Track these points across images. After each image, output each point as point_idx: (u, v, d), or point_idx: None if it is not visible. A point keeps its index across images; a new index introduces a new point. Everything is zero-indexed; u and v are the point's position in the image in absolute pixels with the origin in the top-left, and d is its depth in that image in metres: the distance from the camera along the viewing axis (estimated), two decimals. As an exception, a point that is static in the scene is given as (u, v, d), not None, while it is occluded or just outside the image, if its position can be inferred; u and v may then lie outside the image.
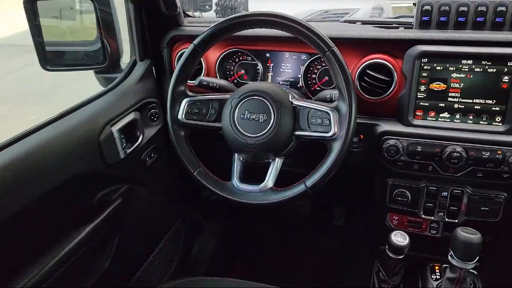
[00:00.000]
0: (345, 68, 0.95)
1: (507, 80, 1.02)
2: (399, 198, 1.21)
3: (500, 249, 1.36)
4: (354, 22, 1.28)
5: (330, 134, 0.98)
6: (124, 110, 1.16)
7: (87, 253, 1.06)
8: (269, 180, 1.05)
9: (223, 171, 1.12)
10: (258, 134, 1.00)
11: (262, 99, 1.01)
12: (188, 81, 1.18)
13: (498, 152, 1.05)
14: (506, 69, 1.02)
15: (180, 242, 1.62)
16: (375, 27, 1.20)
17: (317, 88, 1.25)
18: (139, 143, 1.20)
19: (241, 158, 1.08)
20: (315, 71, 1.24)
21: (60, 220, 0.99)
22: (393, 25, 1.22)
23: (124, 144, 1.13)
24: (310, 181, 1.00)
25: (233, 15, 1.02)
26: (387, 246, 1.15)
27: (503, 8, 1.03)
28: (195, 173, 1.08)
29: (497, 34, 1.04)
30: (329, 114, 0.99)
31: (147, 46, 1.30)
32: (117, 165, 1.12)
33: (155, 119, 1.29)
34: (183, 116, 1.08)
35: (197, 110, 1.08)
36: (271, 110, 1.00)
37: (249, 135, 1.01)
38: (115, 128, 1.10)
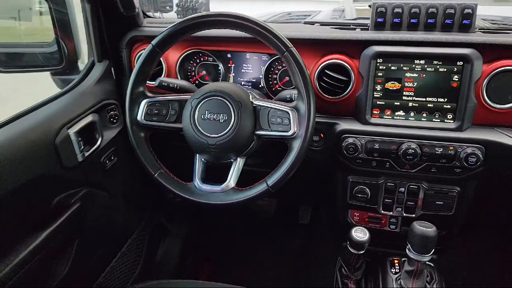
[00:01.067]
0: (303, 68, 0.97)
1: (456, 79, 1.07)
2: (359, 195, 1.25)
3: (456, 241, 1.42)
4: (313, 23, 1.30)
5: (290, 133, 1.00)
6: (82, 112, 1.13)
7: (44, 260, 1.02)
8: (231, 180, 1.05)
9: (185, 172, 1.11)
10: (219, 134, 1.00)
11: (222, 99, 1.01)
12: (148, 82, 1.17)
13: (450, 148, 1.09)
14: (455, 69, 1.06)
15: (145, 245, 1.60)
16: (333, 28, 1.23)
17: (278, 88, 1.26)
18: (98, 145, 1.17)
19: (202, 159, 1.08)
20: (276, 71, 1.25)
21: (15, 226, 0.95)
22: (351, 27, 1.25)
23: (82, 147, 1.10)
24: (271, 180, 1.01)
25: (192, 16, 1.01)
26: (348, 242, 1.18)
27: (452, 11, 1.08)
28: (155, 175, 1.06)
29: (446, 35, 1.08)
30: (289, 114, 1.00)
31: (106, 47, 1.27)
32: (75, 169, 1.09)
33: (114, 121, 1.27)
34: (143, 117, 1.06)
35: (156, 111, 1.07)
36: (232, 110, 1.00)
37: (209, 135, 1.01)
38: (72, 131, 1.07)
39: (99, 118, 1.20)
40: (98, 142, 1.18)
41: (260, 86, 1.28)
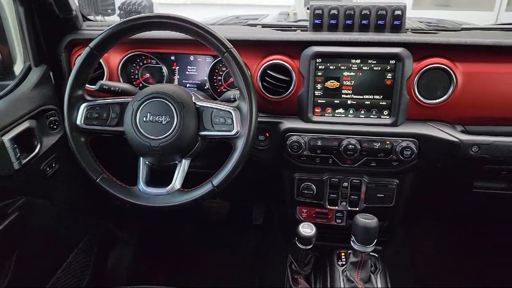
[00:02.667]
0: (243, 68, 0.99)
1: (390, 77, 1.13)
2: (306, 191, 1.28)
3: (399, 232, 1.49)
4: (255, 25, 1.32)
5: (233, 132, 1.01)
6: (18, 118, 1.09)
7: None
8: (176, 181, 1.05)
9: (131, 176, 1.09)
10: (162, 136, 1.00)
11: (164, 100, 1.01)
12: (89, 86, 1.15)
13: (387, 142, 1.15)
14: (388, 67, 1.12)
15: (92, 255, 1.55)
16: (275, 30, 1.26)
17: (224, 90, 1.28)
18: (36, 152, 1.13)
19: (146, 162, 1.07)
20: (221, 73, 1.27)
21: None
22: (292, 28, 1.28)
23: (19, 154, 1.06)
24: (217, 179, 1.02)
25: (131, 17, 1.00)
26: (296, 238, 1.21)
27: (383, 12, 1.14)
28: (97, 180, 1.04)
29: (379, 36, 1.14)
30: (231, 113, 1.01)
31: (43, 51, 1.23)
32: (11, 177, 1.04)
33: (55, 127, 1.23)
34: (82, 122, 1.04)
35: (97, 115, 1.05)
36: (174, 112, 1.00)
37: (152, 137, 1.00)
38: (6, 138, 1.02)
39: (37, 124, 1.15)
40: (37, 149, 1.14)
41: (205, 88, 1.29)
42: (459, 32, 1.25)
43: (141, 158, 1.06)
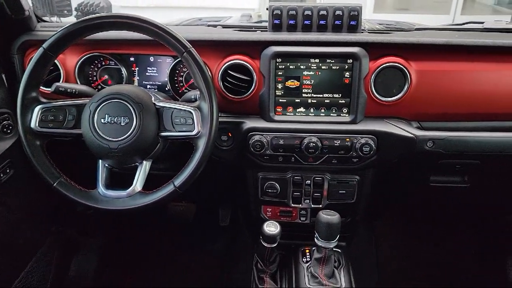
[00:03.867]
0: (202, 68, 0.99)
1: (348, 76, 1.16)
2: (270, 190, 1.29)
3: (361, 228, 1.53)
4: (215, 26, 1.33)
5: (194, 132, 1.01)
6: None
7: None
8: (137, 184, 1.03)
9: (90, 179, 1.07)
10: (121, 138, 0.98)
11: (123, 101, 0.99)
12: (45, 89, 1.12)
13: (347, 139, 1.18)
14: (346, 66, 1.15)
15: (53, 264, 1.50)
16: (235, 30, 1.26)
17: (185, 90, 1.27)
18: (-12, 158, 1.08)
19: (106, 164, 1.05)
20: (182, 73, 1.26)
21: None
22: (252, 29, 1.29)
23: (-31, 160, 1.01)
24: (179, 180, 1.01)
25: (86, 17, 0.98)
26: (261, 237, 1.22)
27: (340, 12, 1.17)
28: (54, 185, 1.01)
29: (337, 35, 1.17)
30: (192, 113, 1.01)
31: (-6, 53, 1.19)
32: None
33: (8, 131, 1.18)
34: (37, 125, 1.01)
35: (52, 117, 1.02)
36: (133, 112, 0.99)
37: (111, 139, 0.98)
38: (-45, 143, 0.98)
39: None
40: None
41: (166, 89, 1.27)
42: (413, 32, 1.30)
43: (100, 160, 1.04)
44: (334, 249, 1.24)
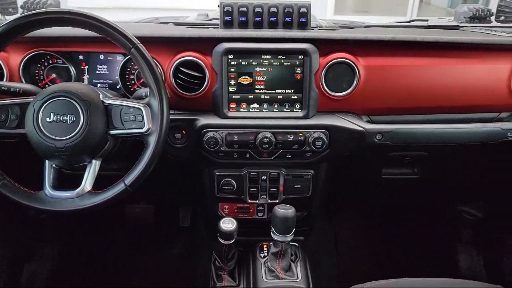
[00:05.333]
0: (151, 64, 0.98)
1: (299, 72, 1.18)
2: (226, 187, 1.29)
3: (319, 222, 1.56)
4: (167, 23, 1.32)
5: (144, 129, 1.00)
6: None
7: None
8: (86, 183, 1.01)
9: (37, 181, 1.03)
10: (67, 137, 0.96)
11: (69, 99, 0.97)
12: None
13: (300, 134, 1.20)
14: (297, 62, 1.17)
15: (3, 272, 1.43)
16: (187, 27, 1.26)
17: (137, 88, 1.25)
18: None
19: (52, 164, 1.01)
20: (133, 71, 1.24)
21: None
22: (204, 26, 1.29)
23: None
24: (129, 178, 1.00)
25: (28, 13, 0.95)
26: (218, 234, 1.21)
27: (290, 9, 1.19)
28: None
29: (289, 32, 1.19)
30: (142, 110, 1.00)
31: None
32: None
33: None
34: None
35: None
36: (80, 110, 0.96)
37: (57, 138, 0.96)
38: None
39: None
40: None
41: (117, 87, 1.25)
42: (361, 29, 1.34)
43: (46, 161, 1.01)
44: (291, 243, 1.26)
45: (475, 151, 1.32)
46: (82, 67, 1.23)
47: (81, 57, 1.23)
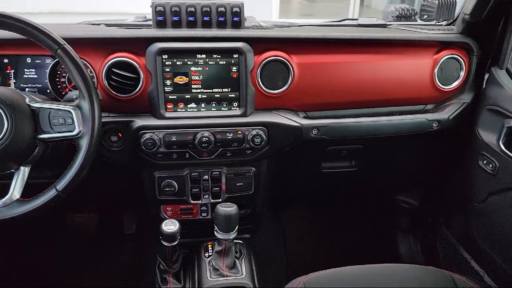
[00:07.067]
0: (79, 65, 0.95)
1: (235, 70, 1.19)
2: (167, 189, 1.28)
3: (266, 218, 1.58)
4: (99, 24, 1.29)
5: (75, 132, 0.97)
6: None
7: None
8: (14, 191, 0.96)
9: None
10: None
11: None
12: None
13: (239, 132, 1.21)
14: (233, 61, 1.18)
15: None
16: (119, 28, 1.23)
17: (68, 92, 1.20)
18: None
19: (-24, 173, 0.96)
20: (63, 74, 1.19)
21: None
22: (137, 26, 1.28)
23: None
24: (61, 183, 0.97)
25: None
26: (160, 237, 1.20)
27: (223, 9, 1.20)
28: None
29: (223, 31, 1.20)
30: (71, 113, 0.97)
31: None
32: None
33: None
34: None
35: None
36: (3, 116, 0.92)
37: None
38: None
39: None
40: None
41: (48, 91, 1.20)
42: (294, 28, 1.38)
43: (-32, 170, 0.95)
44: (235, 240, 1.27)
45: (405, 141, 1.40)
46: (7, 71, 1.17)
47: (6, 60, 1.17)
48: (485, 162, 1.29)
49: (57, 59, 1.15)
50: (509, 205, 1.21)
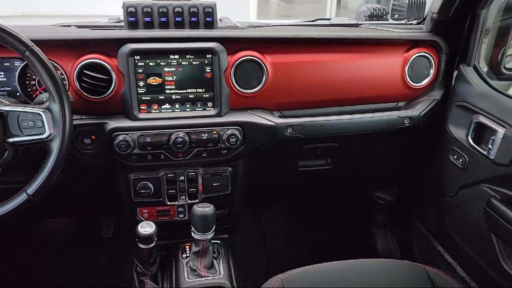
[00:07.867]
0: (48, 66, 0.94)
1: (209, 70, 1.19)
2: (143, 191, 1.27)
3: (245, 218, 1.58)
4: (69, 26, 1.27)
5: (45, 135, 0.96)
6: None
7: None
8: (-19, 197, 0.94)
9: None
10: None
11: None
12: None
13: (214, 132, 1.21)
14: (206, 61, 1.18)
15: None
16: (91, 29, 1.22)
17: (39, 94, 1.18)
18: None
19: None
20: (34, 77, 1.17)
21: None
22: (109, 27, 1.27)
23: None
24: (32, 187, 0.95)
25: None
26: (136, 239, 1.19)
27: (195, 9, 1.20)
28: None
29: (195, 31, 1.20)
30: (41, 115, 0.95)
31: None
32: None
33: None
34: None
35: None
36: None
37: None
38: None
39: None
40: None
41: (18, 95, 1.18)
42: (267, 27, 1.39)
43: None
44: (213, 241, 1.27)
45: (379, 138, 1.43)
46: (-26, 74, 1.15)
47: None
48: (455, 157, 1.33)
49: (26, 62, 1.14)
50: (479, 197, 1.24)
